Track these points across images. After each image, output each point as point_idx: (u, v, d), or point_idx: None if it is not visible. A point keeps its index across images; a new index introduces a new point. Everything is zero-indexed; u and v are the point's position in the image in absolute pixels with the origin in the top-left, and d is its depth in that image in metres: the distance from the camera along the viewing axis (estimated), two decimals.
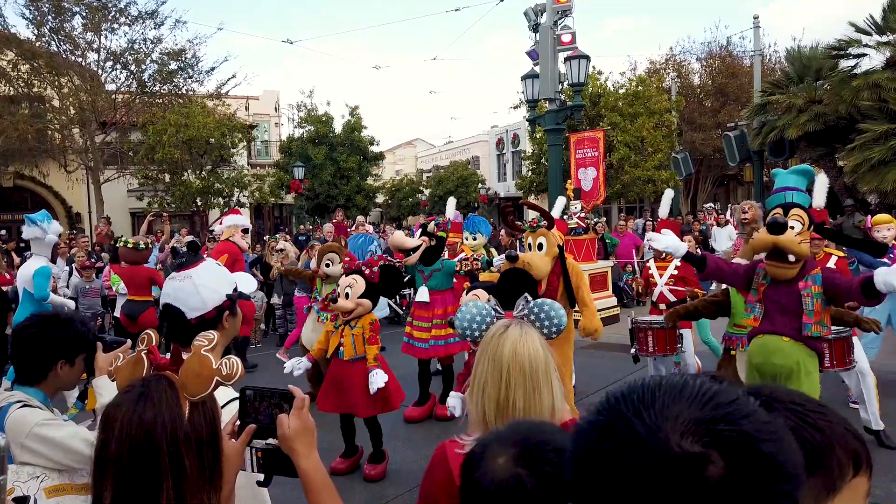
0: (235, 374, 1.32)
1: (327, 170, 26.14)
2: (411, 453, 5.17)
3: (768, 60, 25.99)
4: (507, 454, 1.07)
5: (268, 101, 32.06)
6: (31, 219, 6.35)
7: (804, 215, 3.70)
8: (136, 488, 1.13)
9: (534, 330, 1.71)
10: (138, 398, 1.20)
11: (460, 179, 31.43)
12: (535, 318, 1.82)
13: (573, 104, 12.13)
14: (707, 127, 24.83)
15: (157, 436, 1.16)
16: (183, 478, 1.17)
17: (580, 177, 12.71)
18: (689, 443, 0.64)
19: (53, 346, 2.15)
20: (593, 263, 10.65)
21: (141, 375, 1.30)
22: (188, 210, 21.00)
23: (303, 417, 1.39)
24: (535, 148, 23.82)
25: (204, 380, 1.26)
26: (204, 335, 1.33)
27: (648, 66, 27.52)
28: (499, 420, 1.60)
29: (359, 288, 4.62)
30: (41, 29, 18.55)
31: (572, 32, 11.95)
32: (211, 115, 19.75)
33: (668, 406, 0.67)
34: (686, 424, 0.65)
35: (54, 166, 19.76)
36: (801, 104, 15.09)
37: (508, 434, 1.13)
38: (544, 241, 5.14)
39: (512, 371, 1.61)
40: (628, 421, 0.68)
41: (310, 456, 1.38)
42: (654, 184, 21.18)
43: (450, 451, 1.68)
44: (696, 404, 0.67)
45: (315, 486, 1.38)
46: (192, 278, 1.96)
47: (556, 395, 1.64)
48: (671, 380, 0.72)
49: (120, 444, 1.14)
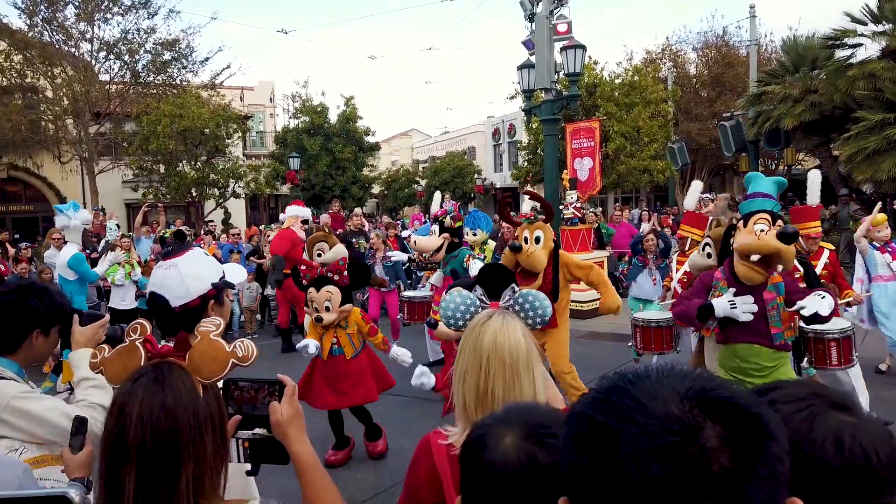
0: (251, 356, 1.33)
1: (323, 160, 26.09)
2: (410, 442, 5.19)
3: (764, 50, 25.94)
4: (513, 434, 1.07)
5: (263, 91, 31.94)
6: (59, 209, 7.13)
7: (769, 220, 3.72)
8: (158, 473, 1.13)
9: (517, 320, 1.71)
10: (154, 384, 1.19)
11: (456, 170, 31.39)
12: (519, 308, 1.82)
13: (569, 94, 12.09)
14: (703, 117, 24.80)
15: (181, 420, 1.16)
16: (202, 459, 1.17)
17: (576, 167, 12.70)
18: (686, 407, 0.67)
19: (30, 315, 2.10)
20: (589, 253, 10.68)
21: (137, 366, 1.29)
22: (183, 201, 20.94)
23: (294, 404, 1.43)
24: (531, 138, 23.78)
25: (220, 363, 1.27)
26: (210, 321, 1.34)
27: (645, 56, 27.45)
28: (479, 409, 1.60)
29: (337, 297, 4.65)
30: (33, 19, 18.40)
31: (568, 22, 11.90)
32: (206, 106, 19.66)
33: (662, 378, 0.71)
34: (682, 392, 0.69)
35: (48, 157, 19.65)
36: (797, 94, 15.10)
37: (506, 416, 1.13)
38: (542, 234, 5.11)
39: (492, 360, 1.61)
40: (626, 390, 0.71)
41: (303, 441, 1.42)
42: (650, 174, 21.19)
43: (433, 441, 1.69)
44: (688, 378, 0.71)
45: (309, 470, 1.41)
46: (178, 267, 1.97)
47: (537, 386, 1.64)
48: (661, 364, 0.76)
49: (142, 430, 1.13)
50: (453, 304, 1.88)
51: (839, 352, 4.75)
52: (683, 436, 0.65)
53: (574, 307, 9.43)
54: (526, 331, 1.69)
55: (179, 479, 1.13)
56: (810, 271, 4.90)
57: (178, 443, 1.14)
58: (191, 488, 1.14)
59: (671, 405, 0.67)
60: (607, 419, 0.69)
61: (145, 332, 1.33)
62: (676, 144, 20.42)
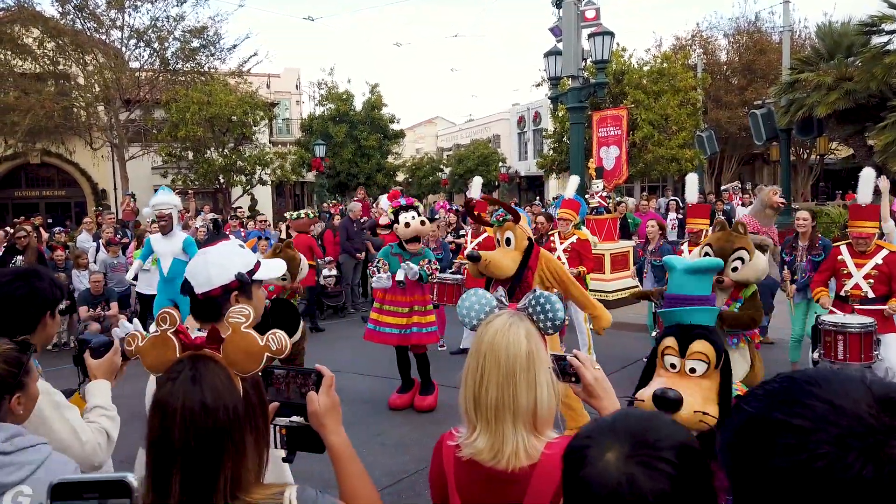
0: (284, 348, 1.34)
1: (348, 148, 26.17)
2: (438, 430, 5.22)
3: (798, 36, 25.35)
4: (618, 449, 0.92)
5: (289, 78, 32.07)
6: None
7: (710, 351, 2.45)
8: (200, 472, 1.14)
9: (524, 322, 1.61)
10: (192, 382, 1.19)
11: (481, 158, 31.28)
12: (531, 310, 1.70)
13: (596, 81, 11.96)
14: (733, 105, 24.36)
15: (221, 420, 1.16)
16: (242, 454, 1.18)
17: (602, 155, 12.57)
18: (876, 408, 0.66)
19: (40, 298, 2.15)
20: (614, 243, 10.59)
21: (172, 357, 1.29)
22: (211, 187, 21.20)
23: (331, 395, 1.45)
24: (556, 126, 23.57)
25: (254, 356, 1.27)
26: (238, 311, 1.33)
27: (674, 43, 27.02)
28: (477, 413, 1.53)
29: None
30: (65, 6, 18.67)
31: (597, 8, 11.74)
32: (233, 93, 19.83)
33: (843, 379, 0.70)
34: (865, 392, 0.68)
35: (80, 143, 20.00)
36: (831, 81, 14.75)
37: (615, 425, 0.98)
38: (512, 235, 4.87)
39: (488, 361, 1.54)
40: (810, 392, 0.70)
41: (339, 431, 1.44)
42: (678, 163, 20.89)
43: (444, 443, 1.67)
44: (862, 379, 0.70)
45: (344, 460, 1.43)
46: (207, 255, 2.02)
47: (539, 394, 1.52)
48: (822, 366, 0.75)
49: (185, 431, 1.14)
50: (468, 302, 1.84)
51: (846, 347, 4.66)
52: (885, 436, 0.64)
53: (595, 297, 9.38)
54: (533, 333, 1.59)
55: (219, 477, 1.15)
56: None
57: (219, 441, 1.15)
58: (229, 484, 1.15)
59: (862, 405, 0.66)
60: (803, 422, 0.67)
61: (175, 322, 1.33)
62: (705, 133, 20.12)
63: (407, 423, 5.61)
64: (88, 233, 11.49)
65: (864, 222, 5.21)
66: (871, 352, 4.68)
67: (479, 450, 1.52)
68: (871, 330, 4.71)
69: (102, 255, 9.64)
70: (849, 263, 5.30)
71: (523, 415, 1.51)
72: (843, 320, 4.86)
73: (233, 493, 1.16)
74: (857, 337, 4.66)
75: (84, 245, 10.80)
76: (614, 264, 10.35)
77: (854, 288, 5.24)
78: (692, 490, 0.89)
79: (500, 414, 1.51)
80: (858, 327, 4.69)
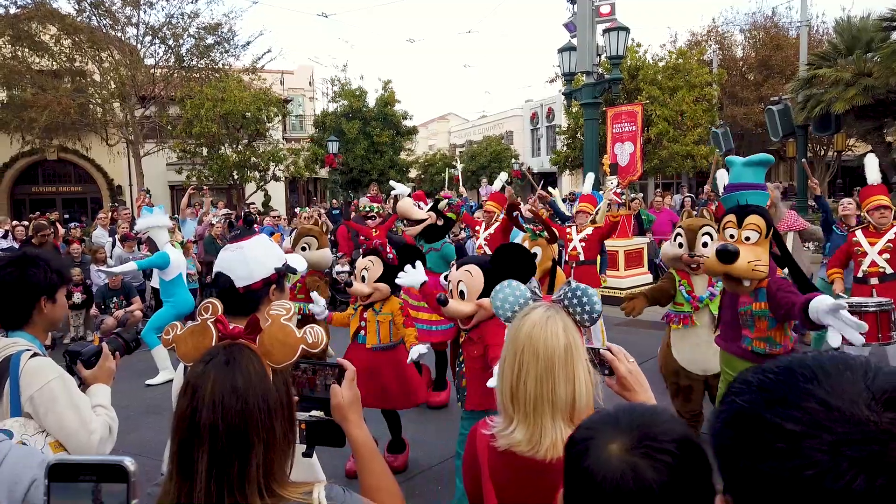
0: (320, 342, 1.34)
1: (361, 144, 26.21)
2: (457, 425, 5.22)
3: (815, 32, 25.03)
4: (621, 441, 0.93)
5: (302, 75, 32.16)
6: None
7: (761, 223, 3.13)
8: (229, 455, 1.12)
9: (562, 315, 1.61)
10: (226, 366, 1.18)
11: (493, 154, 31.22)
12: (568, 303, 1.70)
13: (611, 77, 11.88)
14: (749, 101, 24.12)
15: (251, 404, 1.15)
16: (272, 443, 1.17)
17: (616, 152, 12.50)
18: (877, 409, 0.62)
19: (31, 285, 2.11)
20: (629, 240, 10.53)
21: (208, 345, 1.29)
22: (225, 183, 21.33)
23: (354, 388, 1.46)
24: (570, 122, 23.49)
25: (290, 348, 1.28)
26: (280, 304, 1.35)
27: (689, 38, 26.80)
28: (514, 405, 1.55)
29: (375, 271, 4.17)
30: (81, 4, 18.82)
31: (611, 3, 11.67)
32: (247, 90, 19.93)
33: (841, 372, 0.66)
34: (865, 389, 0.64)
35: (96, 140, 20.18)
36: (850, 77, 14.56)
37: (618, 417, 0.99)
38: (539, 252, 4.84)
39: (526, 353, 1.54)
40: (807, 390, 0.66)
41: (361, 425, 1.45)
42: (693, 159, 20.74)
43: (479, 430, 1.68)
44: (866, 372, 0.66)
45: (367, 454, 1.44)
46: (244, 249, 2.03)
47: (578, 389, 1.53)
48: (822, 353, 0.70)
49: (213, 412, 1.13)
50: (502, 294, 1.84)
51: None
52: (884, 444, 0.60)
53: (610, 293, 9.34)
54: (571, 327, 1.59)
55: (250, 463, 1.13)
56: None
57: (248, 426, 1.14)
58: (261, 472, 1.14)
59: (860, 405, 0.62)
60: (795, 426, 0.64)
61: (216, 312, 1.34)
62: (721, 129, 19.92)
63: (419, 420, 5.61)
64: (103, 228, 11.59)
65: (880, 196, 5.26)
66: (888, 331, 4.61)
67: (517, 441, 1.54)
68: (887, 309, 4.64)
69: (118, 250, 9.70)
70: (863, 243, 5.33)
71: (562, 408, 1.53)
72: (859, 300, 4.74)
73: (268, 485, 1.14)
74: (874, 316, 4.58)
75: (99, 240, 10.89)
76: (629, 261, 10.30)
77: (871, 265, 5.23)
78: (692, 482, 0.90)
79: (539, 407, 1.52)
80: (874, 306, 4.61)
